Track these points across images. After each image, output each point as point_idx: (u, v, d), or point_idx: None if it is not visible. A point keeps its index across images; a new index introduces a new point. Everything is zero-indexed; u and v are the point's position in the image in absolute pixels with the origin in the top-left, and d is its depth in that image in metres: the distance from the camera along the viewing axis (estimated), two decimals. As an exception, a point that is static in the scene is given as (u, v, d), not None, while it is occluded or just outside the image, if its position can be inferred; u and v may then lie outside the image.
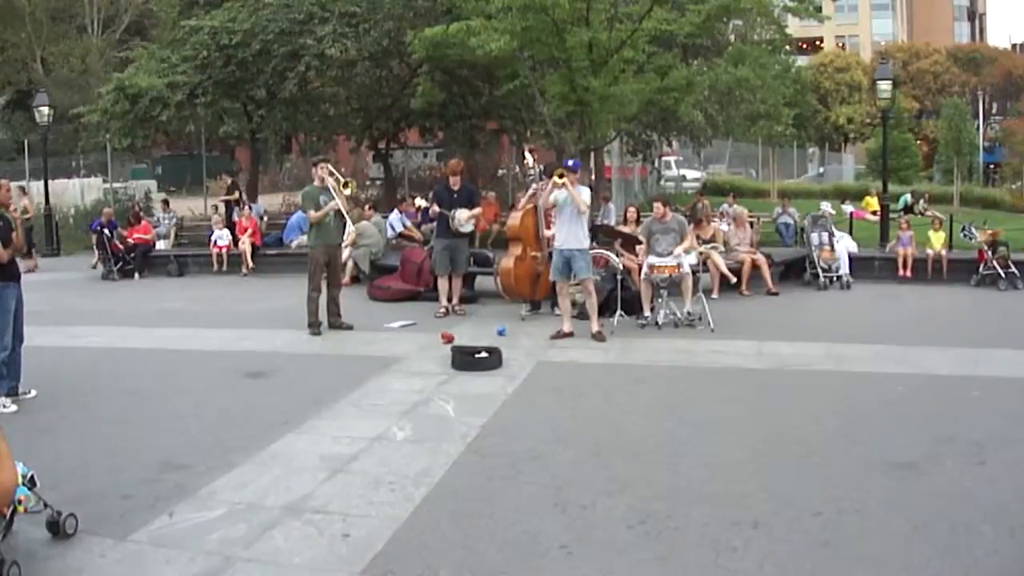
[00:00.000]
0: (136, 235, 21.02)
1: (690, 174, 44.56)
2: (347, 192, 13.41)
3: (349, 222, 13.93)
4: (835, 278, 17.22)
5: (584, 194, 12.29)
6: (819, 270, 17.26)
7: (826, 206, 20.01)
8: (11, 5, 39.17)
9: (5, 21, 40.13)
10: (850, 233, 19.96)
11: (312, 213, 12.94)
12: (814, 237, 17.70)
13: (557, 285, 12.50)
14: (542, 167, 14.01)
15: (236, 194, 24.07)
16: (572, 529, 5.83)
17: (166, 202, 26.40)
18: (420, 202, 15.05)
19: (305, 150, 34.54)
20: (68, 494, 6.19)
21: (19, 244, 9.31)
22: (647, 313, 13.21)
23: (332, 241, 13.19)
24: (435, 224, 14.79)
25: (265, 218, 24.06)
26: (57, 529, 5.65)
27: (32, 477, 5.66)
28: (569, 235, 12.08)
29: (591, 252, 12.65)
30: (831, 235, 17.79)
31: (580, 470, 6.92)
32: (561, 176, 11.99)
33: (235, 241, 21.00)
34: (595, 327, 12.14)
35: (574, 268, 12.06)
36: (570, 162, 13.01)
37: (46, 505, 5.67)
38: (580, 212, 12.02)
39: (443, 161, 29.18)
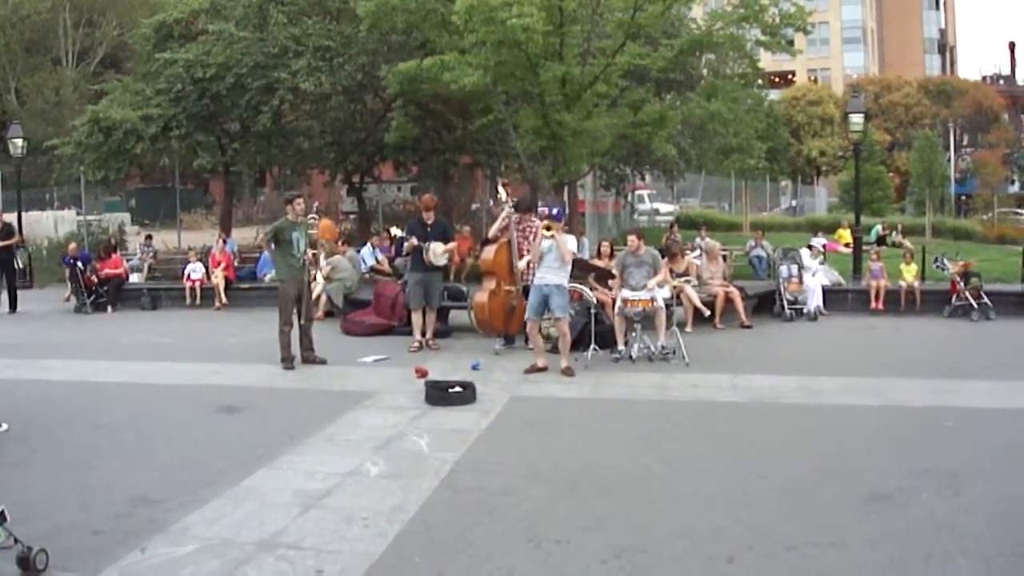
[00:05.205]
0: (107, 269, 20.96)
1: (663, 208, 44.67)
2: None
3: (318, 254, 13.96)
4: (801, 310, 17.33)
5: (570, 243, 12.36)
6: (785, 302, 17.37)
7: (817, 241, 20.25)
8: (-15, 37, 39.18)
9: (-22, 53, 40.12)
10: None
11: (265, 242, 12.99)
12: (783, 270, 17.86)
13: (529, 324, 12.48)
14: (514, 201, 14.01)
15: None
16: (547, 565, 5.80)
17: (149, 236, 26.33)
18: (396, 231, 15.00)
19: (279, 184, 34.52)
20: (39, 529, 6.12)
21: None
22: (621, 347, 13.23)
23: (301, 275, 13.12)
24: (409, 258, 14.79)
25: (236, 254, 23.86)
26: (27, 565, 5.57)
27: (2, 512, 5.59)
28: (549, 271, 12.11)
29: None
30: (800, 268, 17.90)
31: (554, 505, 6.90)
32: (548, 228, 12.05)
33: (208, 275, 20.98)
34: (564, 363, 12.13)
35: (551, 305, 12.05)
36: (555, 211, 13.09)
37: (16, 540, 5.59)
38: (564, 262, 12.09)
39: (417, 195, 29.17)
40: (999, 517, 6.56)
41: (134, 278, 22.58)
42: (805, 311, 17.41)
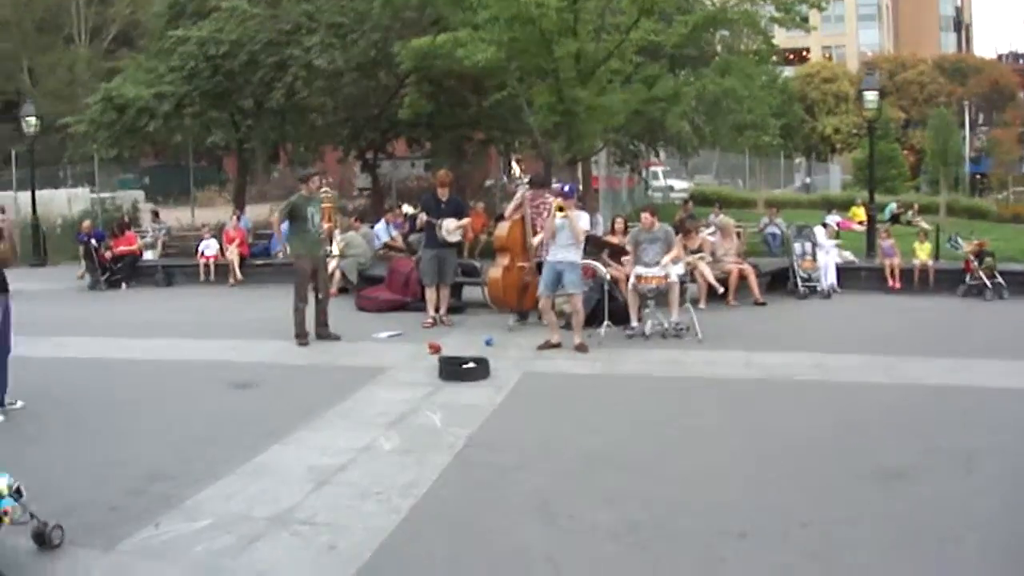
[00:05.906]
0: (121, 246, 21.01)
1: (677, 184, 44.58)
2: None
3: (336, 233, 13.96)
4: (815, 288, 17.29)
5: (583, 220, 12.30)
6: (799, 279, 17.33)
7: (831, 219, 20.14)
8: (-3, 16, 39.14)
9: (-9, 32, 40.09)
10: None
11: (275, 217, 13.13)
12: (796, 247, 17.81)
13: (541, 301, 12.44)
14: (528, 178, 13.99)
15: None
16: (559, 540, 5.81)
17: (156, 213, 26.33)
18: (407, 209, 15.01)
19: (293, 160, 34.50)
20: (54, 505, 6.14)
21: (7, 255, 9.26)
22: (634, 323, 13.21)
23: (317, 251, 13.16)
24: (423, 234, 14.80)
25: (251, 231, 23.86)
26: (43, 540, 5.62)
27: (18, 488, 5.62)
28: (562, 249, 12.07)
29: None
30: (815, 245, 17.85)
31: (567, 481, 6.91)
32: (561, 209, 11.99)
33: (222, 251, 21.01)
34: (578, 339, 12.10)
35: (564, 281, 12.00)
36: (566, 187, 13.02)
37: (32, 516, 5.63)
38: (577, 241, 12.06)
39: (431, 172, 29.16)
40: (1012, 495, 6.56)
41: (148, 255, 22.62)
42: (819, 288, 17.35)
